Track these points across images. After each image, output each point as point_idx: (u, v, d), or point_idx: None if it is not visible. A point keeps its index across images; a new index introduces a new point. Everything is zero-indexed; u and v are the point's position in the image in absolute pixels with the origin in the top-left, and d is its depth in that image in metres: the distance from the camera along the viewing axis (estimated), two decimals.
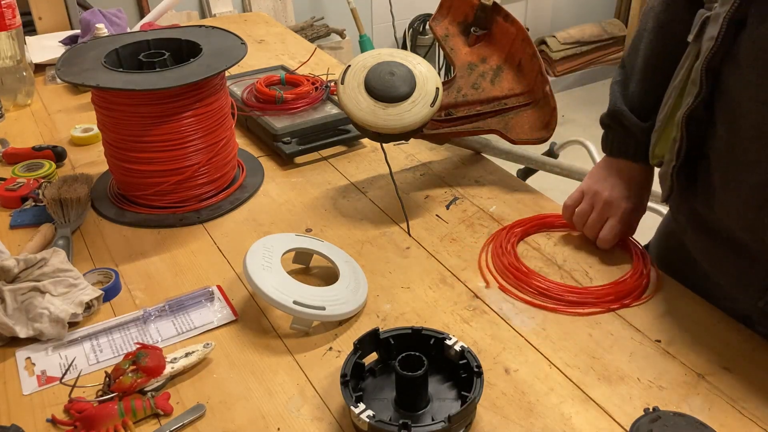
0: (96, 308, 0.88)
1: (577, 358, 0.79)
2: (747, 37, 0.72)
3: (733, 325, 0.82)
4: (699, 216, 0.85)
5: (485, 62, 1.13)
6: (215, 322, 0.86)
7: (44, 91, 1.55)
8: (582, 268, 0.93)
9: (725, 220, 0.79)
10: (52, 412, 0.73)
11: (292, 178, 1.18)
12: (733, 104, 0.75)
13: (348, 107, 0.99)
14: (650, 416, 0.66)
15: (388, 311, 0.87)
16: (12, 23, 1.41)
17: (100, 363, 0.80)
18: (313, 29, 3.45)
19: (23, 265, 0.86)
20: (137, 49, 1.10)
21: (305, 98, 1.32)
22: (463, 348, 0.73)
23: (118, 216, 1.07)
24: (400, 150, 1.25)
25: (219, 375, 0.78)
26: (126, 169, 1.06)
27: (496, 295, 0.89)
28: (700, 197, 0.84)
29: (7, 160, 1.24)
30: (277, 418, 0.73)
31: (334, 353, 0.81)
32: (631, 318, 0.84)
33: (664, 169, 0.87)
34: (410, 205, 1.09)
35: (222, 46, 1.09)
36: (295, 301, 0.81)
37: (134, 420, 0.72)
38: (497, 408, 0.73)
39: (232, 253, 0.99)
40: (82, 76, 1.00)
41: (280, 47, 1.79)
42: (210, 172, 1.08)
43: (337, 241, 1.00)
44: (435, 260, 0.96)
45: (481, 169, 1.19)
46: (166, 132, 1.01)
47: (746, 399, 0.72)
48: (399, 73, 0.98)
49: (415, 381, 0.69)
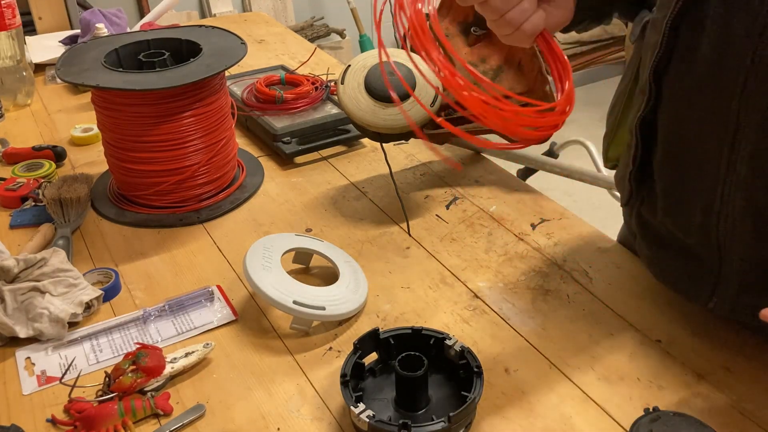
0: (96, 308, 0.88)
1: (577, 358, 0.79)
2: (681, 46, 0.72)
3: (732, 325, 0.82)
4: (645, 222, 0.84)
5: (485, 62, 1.13)
6: (215, 322, 0.86)
7: (44, 91, 1.55)
8: (582, 268, 0.93)
9: (670, 226, 0.79)
10: (52, 412, 0.73)
11: (292, 178, 1.18)
12: (672, 111, 0.75)
13: (348, 107, 0.99)
14: (650, 416, 0.66)
15: (388, 311, 0.87)
16: (12, 23, 1.41)
17: (100, 363, 0.80)
18: (313, 29, 3.45)
19: (23, 265, 0.86)
20: (137, 49, 1.10)
21: (305, 98, 1.32)
22: (463, 348, 0.73)
23: (118, 216, 1.07)
24: (400, 150, 1.25)
25: (219, 375, 0.78)
26: (126, 169, 1.06)
27: (496, 295, 0.89)
28: (645, 203, 0.83)
29: (7, 160, 1.24)
30: (277, 418, 0.73)
31: (334, 353, 0.81)
32: (631, 318, 0.84)
33: (620, 173, 0.86)
34: (410, 205, 1.09)
35: (222, 46, 1.09)
36: (295, 301, 0.81)
37: (134, 420, 0.72)
38: (497, 408, 0.73)
39: (232, 253, 0.99)
40: (82, 76, 1.00)
41: (280, 47, 1.79)
42: (210, 172, 1.08)
43: (337, 241, 1.00)
44: (435, 260, 0.96)
45: (481, 169, 1.19)
46: (166, 132, 1.01)
47: (746, 399, 0.72)
48: (399, 73, 0.98)
49: (415, 381, 0.69)
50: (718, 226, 0.73)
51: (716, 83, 0.69)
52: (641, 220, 0.85)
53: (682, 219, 0.77)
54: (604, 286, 0.90)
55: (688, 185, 0.75)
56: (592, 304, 0.87)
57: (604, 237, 1.00)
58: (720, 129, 0.70)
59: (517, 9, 0.69)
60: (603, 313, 0.85)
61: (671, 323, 0.83)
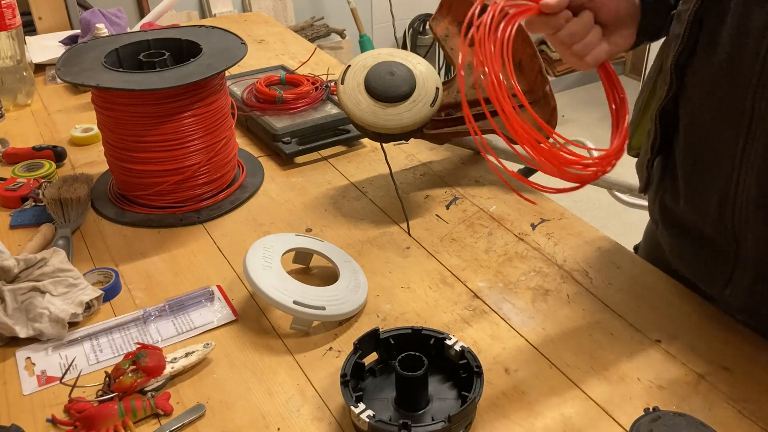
0: (96, 308, 0.88)
1: (577, 358, 0.79)
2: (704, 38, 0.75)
3: (732, 325, 0.82)
4: (667, 209, 0.87)
5: None
6: (215, 322, 0.86)
7: (44, 91, 1.55)
8: (582, 268, 0.93)
9: (690, 214, 0.81)
10: (52, 412, 0.73)
11: (292, 178, 1.18)
12: (693, 100, 0.78)
13: (348, 107, 0.99)
14: (650, 416, 0.66)
15: (388, 311, 0.87)
16: (12, 23, 1.41)
17: (100, 363, 0.80)
18: (313, 29, 3.45)
19: (23, 265, 0.86)
20: (137, 49, 1.10)
21: (305, 98, 1.32)
22: (463, 348, 0.73)
23: (118, 216, 1.07)
24: (400, 150, 1.25)
25: (219, 375, 0.78)
26: (126, 169, 1.06)
27: (496, 295, 0.89)
28: (668, 191, 0.85)
29: (7, 160, 1.24)
30: (277, 418, 0.73)
31: (334, 353, 0.81)
32: (631, 318, 0.84)
33: (640, 161, 0.89)
34: (410, 205, 1.09)
35: (222, 46, 1.09)
36: (295, 301, 0.81)
37: (134, 420, 0.72)
38: (497, 408, 0.73)
39: (232, 253, 0.99)
40: (82, 76, 1.00)
41: (280, 47, 1.79)
42: (210, 172, 1.08)
43: (337, 241, 1.00)
44: (435, 260, 0.96)
45: (481, 169, 1.19)
46: (166, 132, 1.01)
47: (746, 399, 0.72)
48: (399, 73, 0.98)
49: (415, 381, 0.69)
50: (734, 215, 0.75)
51: (733, 74, 0.72)
52: (664, 208, 0.87)
53: (700, 207, 0.80)
54: (604, 286, 0.90)
55: (705, 174, 0.78)
56: (592, 304, 0.87)
57: (604, 237, 1.00)
58: (736, 119, 0.72)
59: (581, 43, 0.76)
60: (603, 313, 0.85)
61: (671, 323, 0.83)
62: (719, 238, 0.78)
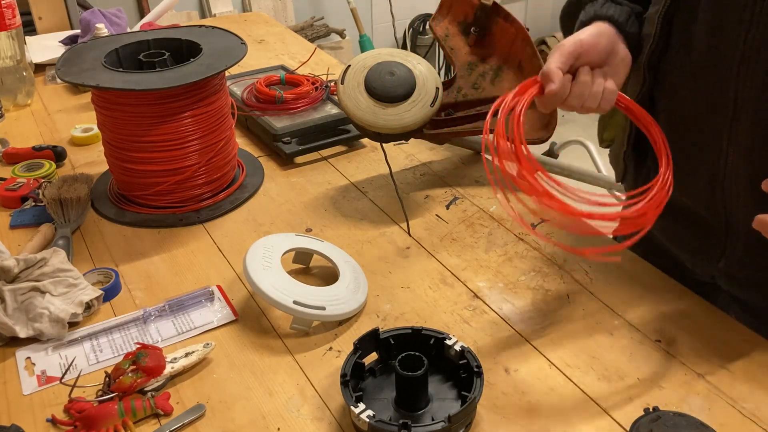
0: (96, 308, 0.88)
1: (577, 358, 0.79)
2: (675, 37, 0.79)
3: (732, 324, 0.82)
4: None
5: (485, 62, 1.13)
6: (215, 322, 0.86)
7: (44, 91, 1.55)
8: (582, 268, 0.93)
9: (679, 197, 0.83)
10: (52, 412, 0.73)
11: (292, 178, 1.18)
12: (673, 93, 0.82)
13: (348, 107, 0.99)
14: (650, 416, 0.66)
15: (388, 311, 0.87)
16: (12, 23, 1.41)
17: (100, 363, 0.80)
18: (313, 29, 3.45)
19: (23, 265, 0.86)
20: (137, 49, 1.10)
21: (305, 98, 1.32)
22: (463, 348, 0.73)
23: (118, 216, 1.07)
24: (400, 150, 1.25)
25: (219, 375, 0.78)
26: (126, 169, 1.06)
27: (496, 295, 0.89)
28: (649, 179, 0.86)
29: (7, 160, 1.24)
30: (277, 418, 0.73)
31: (334, 353, 0.81)
32: (631, 318, 0.84)
33: (615, 152, 0.94)
34: (410, 205, 1.09)
35: (222, 46, 1.09)
36: (295, 301, 0.81)
37: (134, 420, 0.72)
38: (497, 408, 0.73)
39: (232, 253, 0.99)
40: (82, 76, 1.00)
41: (280, 47, 1.79)
42: (210, 172, 1.08)
43: (337, 241, 1.00)
44: (435, 260, 0.96)
45: (481, 169, 1.19)
46: (166, 132, 1.01)
47: (746, 399, 0.72)
48: (399, 73, 0.98)
49: (415, 381, 0.69)
50: (724, 192, 0.79)
51: (713, 66, 0.75)
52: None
53: (689, 190, 0.83)
54: (604, 286, 0.90)
55: (692, 159, 0.81)
56: (592, 304, 0.87)
57: (604, 237, 1.00)
58: (721, 106, 0.75)
59: (591, 97, 0.76)
60: (603, 313, 0.85)
61: (671, 323, 0.83)
62: (711, 216, 0.82)
